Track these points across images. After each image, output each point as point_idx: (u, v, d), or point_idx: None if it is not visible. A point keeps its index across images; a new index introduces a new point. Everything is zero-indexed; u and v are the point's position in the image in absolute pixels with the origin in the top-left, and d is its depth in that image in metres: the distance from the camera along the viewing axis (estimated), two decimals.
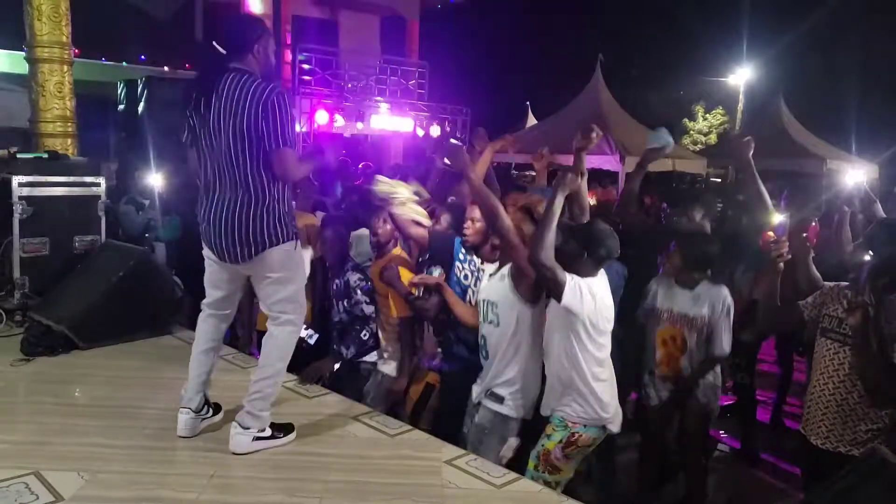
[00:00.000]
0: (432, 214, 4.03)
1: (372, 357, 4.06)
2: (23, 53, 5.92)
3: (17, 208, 4.80)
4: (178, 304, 4.83)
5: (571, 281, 2.99)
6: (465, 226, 3.56)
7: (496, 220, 3.20)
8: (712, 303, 3.79)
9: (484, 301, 3.37)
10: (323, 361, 4.06)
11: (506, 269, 3.32)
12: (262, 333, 4.33)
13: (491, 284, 3.39)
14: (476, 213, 3.47)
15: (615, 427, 3.23)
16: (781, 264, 3.14)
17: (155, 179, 6.17)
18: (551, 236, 3.00)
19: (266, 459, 3.04)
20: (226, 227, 2.96)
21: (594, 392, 3.12)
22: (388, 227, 3.94)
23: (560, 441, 3.13)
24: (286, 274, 3.08)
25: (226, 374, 3.96)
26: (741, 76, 23.96)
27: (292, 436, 3.20)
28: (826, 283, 3.26)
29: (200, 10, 17.03)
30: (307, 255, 4.15)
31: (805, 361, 5.23)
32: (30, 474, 2.79)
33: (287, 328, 3.14)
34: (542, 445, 3.18)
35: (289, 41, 16.47)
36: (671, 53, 26.72)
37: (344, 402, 3.71)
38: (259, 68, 2.99)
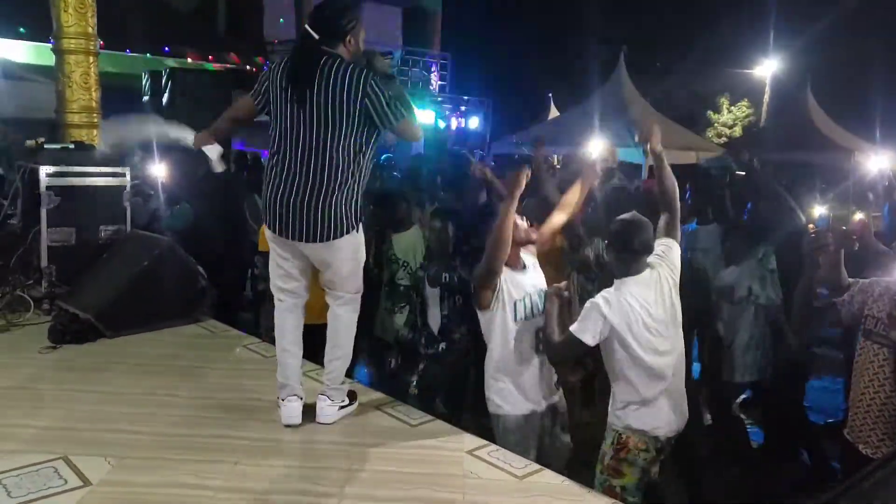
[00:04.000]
0: None
1: None
2: (49, 45, 5.98)
3: (45, 198, 4.85)
4: (202, 292, 4.87)
5: (589, 306, 2.96)
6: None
7: None
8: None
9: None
10: None
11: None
12: None
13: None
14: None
15: (663, 433, 3.06)
16: (821, 259, 3.01)
17: (159, 169, 6.17)
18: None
19: (288, 449, 3.07)
20: (303, 208, 3.01)
21: (648, 402, 3.00)
22: None
23: (612, 444, 3.07)
24: (357, 258, 3.23)
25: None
26: (767, 68, 23.62)
27: (356, 403, 3.43)
28: (861, 280, 3.06)
29: (223, 1, 17.12)
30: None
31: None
32: (58, 459, 2.84)
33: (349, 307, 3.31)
34: (602, 448, 3.14)
35: None
36: (696, 45, 26.38)
37: (366, 391, 3.72)
38: (349, 57, 3.04)
